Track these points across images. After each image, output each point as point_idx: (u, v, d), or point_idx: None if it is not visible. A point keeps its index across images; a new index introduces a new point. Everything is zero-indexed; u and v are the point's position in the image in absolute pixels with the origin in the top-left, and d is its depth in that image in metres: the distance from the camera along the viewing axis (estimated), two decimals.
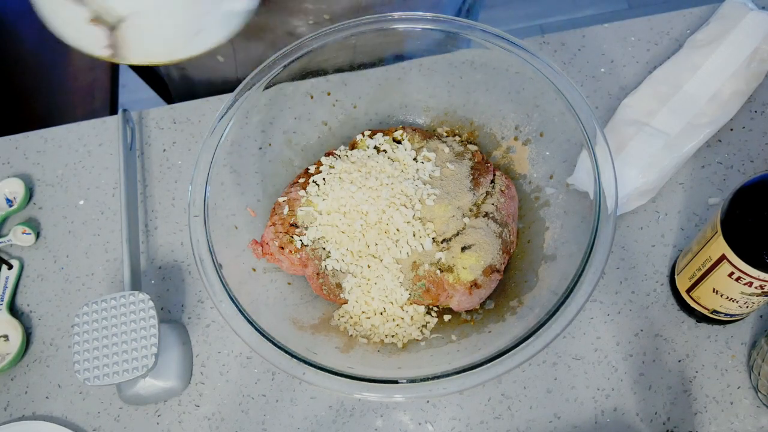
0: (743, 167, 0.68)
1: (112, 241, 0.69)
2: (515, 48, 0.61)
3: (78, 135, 0.75)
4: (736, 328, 0.61)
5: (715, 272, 0.53)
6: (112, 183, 0.72)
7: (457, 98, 0.68)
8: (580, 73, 0.74)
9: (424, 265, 0.59)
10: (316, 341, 0.57)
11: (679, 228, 0.66)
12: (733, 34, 0.68)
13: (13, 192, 0.71)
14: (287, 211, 0.62)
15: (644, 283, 0.64)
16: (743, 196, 0.50)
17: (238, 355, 0.63)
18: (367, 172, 0.62)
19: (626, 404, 0.60)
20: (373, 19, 0.62)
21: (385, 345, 0.58)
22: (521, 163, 0.65)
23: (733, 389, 0.59)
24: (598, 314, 0.63)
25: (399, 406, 0.61)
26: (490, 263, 0.59)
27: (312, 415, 0.61)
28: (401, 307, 0.59)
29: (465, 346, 0.57)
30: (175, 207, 0.71)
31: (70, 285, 0.68)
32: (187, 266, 0.68)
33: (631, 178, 0.63)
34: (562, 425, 0.59)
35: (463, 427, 0.60)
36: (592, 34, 0.76)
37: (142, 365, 0.56)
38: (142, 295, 0.58)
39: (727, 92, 0.66)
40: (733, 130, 0.69)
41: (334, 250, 0.60)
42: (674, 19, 0.76)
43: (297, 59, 0.62)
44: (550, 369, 0.61)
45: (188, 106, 0.76)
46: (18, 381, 0.64)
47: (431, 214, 0.60)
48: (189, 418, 0.61)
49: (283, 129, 0.67)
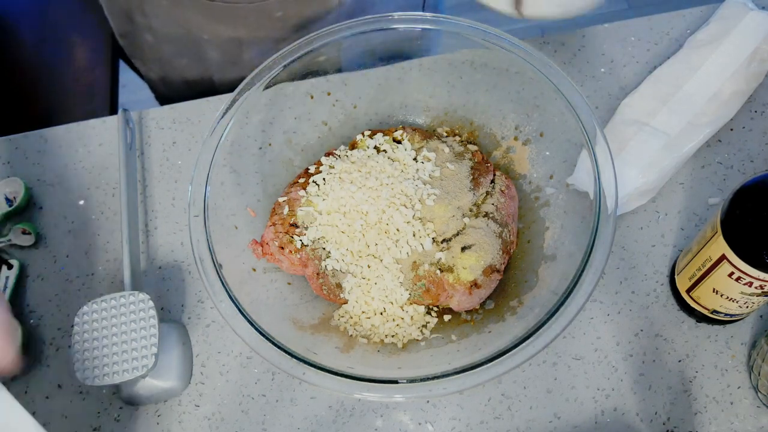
0: (743, 167, 0.68)
1: (112, 241, 0.69)
2: (515, 48, 0.61)
3: (78, 135, 0.75)
4: (736, 328, 0.61)
5: (715, 272, 0.53)
6: (112, 183, 0.72)
7: (457, 98, 0.68)
8: (580, 73, 0.74)
9: (424, 265, 0.59)
10: (316, 341, 0.57)
11: (679, 228, 0.66)
12: (733, 34, 0.68)
13: (13, 192, 0.71)
14: (287, 211, 0.62)
15: (644, 283, 0.64)
16: (743, 196, 0.50)
17: (238, 355, 0.63)
18: (367, 172, 0.62)
19: (626, 404, 0.60)
20: (373, 19, 0.63)
21: (385, 345, 0.59)
22: (521, 163, 0.65)
23: (733, 389, 0.59)
24: (598, 314, 0.63)
25: (399, 406, 0.61)
26: (490, 263, 0.59)
27: (312, 415, 0.61)
28: (401, 307, 0.59)
29: (465, 346, 0.57)
30: (175, 207, 0.71)
31: (70, 285, 0.68)
32: (187, 266, 0.68)
33: (631, 178, 0.63)
34: (562, 425, 0.59)
35: (463, 427, 0.60)
36: (592, 34, 0.76)
37: (142, 365, 0.56)
38: (142, 295, 0.58)
39: (727, 92, 0.66)
40: (733, 130, 0.69)
41: (334, 250, 0.60)
42: (674, 19, 0.76)
43: (297, 59, 0.62)
44: (550, 369, 0.61)
45: (188, 106, 0.76)
46: (18, 381, 0.64)
47: (431, 214, 0.60)
48: (189, 418, 0.61)
49: (283, 129, 0.67)
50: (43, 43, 1.12)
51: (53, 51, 1.11)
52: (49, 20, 1.13)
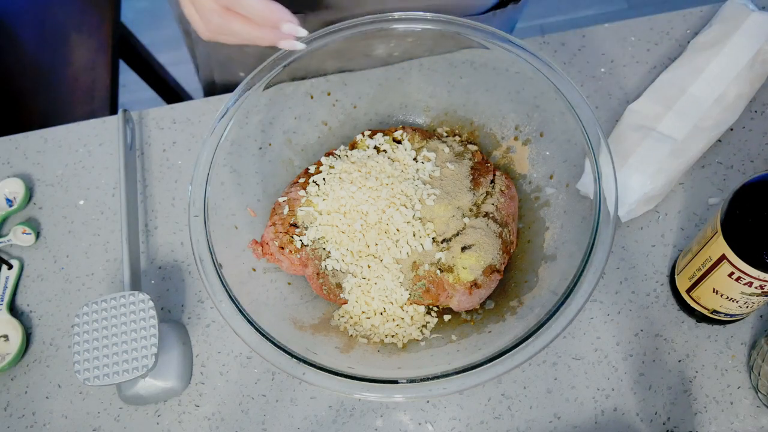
0: (743, 167, 0.68)
1: (112, 241, 0.69)
2: (515, 48, 0.61)
3: (78, 135, 0.75)
4: (736, 328, 0.61)
5: (715, 272, 0.53)
6: (112, 183, 0.72)
7: (457, 98, 0.68)
8: (580, 74, 0.74)
9: (424, 265, 0.59)
10: (316, 341, 0.57)
11: (679, 228, 0.66)
12: (735, 37, 0.68)
13: (13, 192, 0.71)
14: (287, 211, 0.62)
15: (644, 283, 0.64)
16: (743, 196, 0.50)
17: (238, 355, 0.63)
18: (367, 172, 0.62)
19: (626, 404, 0.60)
20: (372, 19, 0.62)
21: (385, 345, 0.58)
22: (521, 163, 0.65)
23: (733, 389, 0.59)
24: (598, 314, 0.63)
25: (399, 406, 0.61)
26: (490, 263, 0.59)
27: (312, 415, 0.61)
28: (401, 307, 0.59)
29: (465, 346, 0.57)
30: (175, 207, 0.71)
31: (70, 285, 0.68)
32: (187, 266, 0.68)
33: (640, 184, 0.63)
34: (562, 425, 0.59)
35: (463, 427, 0.60)
36: (592, 34, 0.76)
37: (142, 365, 0.56)
38: (142, 295, 0.58)
39: (731, 95, 0.66)
40: (733, 130, 0.69)
41: (334, 250, 0.60)
42: (674, 19, 0.76)
43: (297, 59, 0.62)
44: (550, 369, 0.61)
45: (188, 106, 0.76)
46: (18, 381, 0.64)
47: (431, 214, 0.60)
48: (189, 418, 0.61)
49: (283, 129, 0.67)
50: (43, 43, 1.12)
51: (53, 51, 1.11)
52: (49, 20, 1.13)
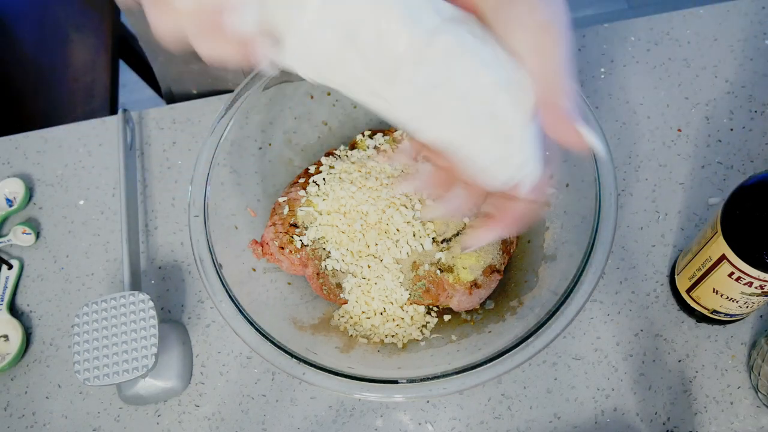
0: (743, 167, 0.68)
1: (112, 241, 0.69)
2: None
3: (78, 135, 0.75)
4: (736, 328, 0.61)
5: (715, 272, 0.53)
6: (112, 183, 0.72)
7: None
8: (581, 73, 0.74)
9: (424, 265, 0.59)
10: (316, 341, 0.57)
11: (679, 228, 0.66)
12: None
13: (13, 192, 0.71)
14: (287, 211, 0.62)
15: (644, 283, 0.64)
16: (743, 196, 0.50)
17: (238, 355, 0.63)
18: (367, 172, 0.62)
19: (626, 404, 0.60)
20: None
21: (385, 345, 0.58)
22: None
23: (733, 389, 0.59)
24: (598, 314, 0.63)
25: (399, 406, 0.61)
26: (490, 263, 0.59)
27: (312, 415, 0.61)
28: (401, 307, 0.59)
29: (465, 346, 0.57)
30: (175, 207, 0.71)
31: (70, 285, 0.68)
32: (187, 266, 0.68)
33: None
34: (562, 425, 0.59)
35: (463, 427, 0.60)
36: (592, 34, 0.76)
37: (142, 365, 0.56)
38: (142, 295, 0.58)
39: None
40: (733, 130, 0.69)
41: (334, 250, 0.60)
42: (674, 19, 0.76)
43: None
44: (550, 369, 0.61)
45: (188, 106, 0.76)
46: (18, 381, 0.64)
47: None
48: (189, 418, 0.61)
49: (283, 129, 0.67)
50: (43, 43, 1.12)
51: (53, 51, 1.11)
52: (48, 20, 1.13)
